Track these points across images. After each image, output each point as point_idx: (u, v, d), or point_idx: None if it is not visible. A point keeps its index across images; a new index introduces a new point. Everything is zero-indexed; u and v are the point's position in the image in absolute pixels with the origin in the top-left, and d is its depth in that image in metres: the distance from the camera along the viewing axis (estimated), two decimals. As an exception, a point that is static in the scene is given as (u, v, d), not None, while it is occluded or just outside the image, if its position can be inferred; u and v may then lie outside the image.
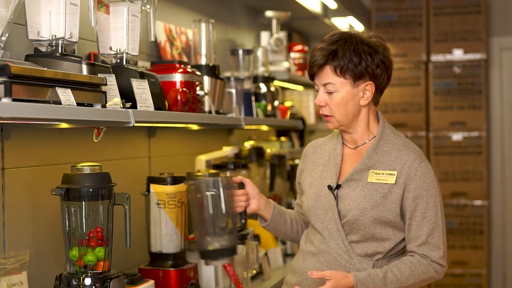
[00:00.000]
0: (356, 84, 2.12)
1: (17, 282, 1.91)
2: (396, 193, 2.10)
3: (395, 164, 2.13)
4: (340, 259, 2.12)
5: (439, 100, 5.23)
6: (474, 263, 5.15)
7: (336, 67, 2.10)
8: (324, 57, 2.10)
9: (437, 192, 2.13)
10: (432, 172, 2.15)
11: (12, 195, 2.03)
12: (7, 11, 1.72)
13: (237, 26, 4.02)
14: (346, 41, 2.11)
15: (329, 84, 2.12)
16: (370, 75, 2.12)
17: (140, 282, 2.24)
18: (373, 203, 2.10)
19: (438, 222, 2.11)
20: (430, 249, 2.10)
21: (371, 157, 2.15)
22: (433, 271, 2.10)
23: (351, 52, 2.09)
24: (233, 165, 3.10)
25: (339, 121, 2.15)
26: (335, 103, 2.12)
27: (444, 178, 5.20)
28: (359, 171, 2.15)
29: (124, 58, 2.20)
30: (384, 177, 2.12)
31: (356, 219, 2.10)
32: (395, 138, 2.20)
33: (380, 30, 5.28)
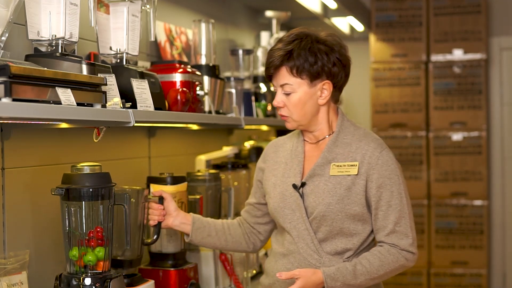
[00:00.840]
0: (313, 84, 2.10)
1: (17, 282, 1.91)
2: (360, 184, 2.09)
3: (356, 155, 2.12)
4: (310, 259, 2.11)
5: (439, 100, 5.23)
6: (474, 263, 5.15)
7: (292, 67, 2.08)
8: (280, 57, 2.08)
9: (400, 180, 2.11)
10: (394, 160, 2.13)
11: (12, 195, 2.03)
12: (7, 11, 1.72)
13: (237, 26, 4.02)
14: (301, 40, 2.09)
15: (286, 85, 2.10)
16: (327, 74, 2.10)
17: (140, 282, 2.24)
18: (338, 197, 2.08)
19: (404, 210, 2.09)
20: (399, 237, 2.08)
21: (332, 150, 2.14)
22: (403, 259, 2.08)
23: (306, 51, 2.07)
24: (233, 165, 3.10)
25: (297, 121, 2.14)
26: (293, 104, 2.11)
27: (444, 178, 5.20)
28: (320, 166, 2.13)
29: (124, 58, 2.20)
30: (346, 169, 2.10)
31: (323, 215, 2.09)
32: (355, 130, 2.18)
33: (380, 30, 5.29)
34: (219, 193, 2.81)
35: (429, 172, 5.22)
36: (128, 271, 2.23)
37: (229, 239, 2.31)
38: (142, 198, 2.24)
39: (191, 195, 2.58)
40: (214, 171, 2.84)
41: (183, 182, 2.47)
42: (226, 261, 2.59)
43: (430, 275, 5.18)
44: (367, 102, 5.56)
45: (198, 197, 2.60)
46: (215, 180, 2.79)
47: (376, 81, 5.32)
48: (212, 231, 2.29)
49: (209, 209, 2.78)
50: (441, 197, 5.19)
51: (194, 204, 2.60)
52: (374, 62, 5.32)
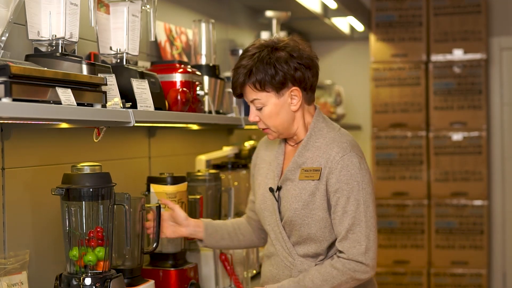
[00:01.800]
0: (280, 94, 2.09)
1: (17, 282, 1.91)
2: (321, 189, 2.07)
3: (321, 159, 2.09)
4: (285, 261, 2.14)
5: (439, 100, 5.23)
6: (474, 263, 5.14)
7: (254, 83, 2.07)
8: (242, 76, 2.09)
9: (360, 186, 2.04)
10: (357, 165, 2.05)
11: (12, 195, 2.03)
12: (7, 11, 1.72)
13: (237, 26, 4.02)
14: (260, 54, 2.08)
15: (255, 100, 2.10)
16: (292, 81, 2.08)
17: (140, 282, 2.24)
18: (303, 202, 2.08)
19: (359, 217, 2.03)
20: (350, 245, 2.02)
21: (302, 154, 2.13)
22: (349, 272, 2.02)
23: (264, 65, 2.06)
24: (233, 165, 3.10)
25: (275, 131, 2.14)
26: (267, 117, 2.11)
27: (444, 178, 5.20)
28: (291, 170, 2.13)
29: (124, 58, 2.20)
30: (311, 174, 2.08)
31: (291, 220, 2.10)
32: (328, 132, 2.14)
33: (380, 30, 5.29)
34: (219, 193, 2.81)
35: (429, 172, 5.22)
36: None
37: (241, 238, 2.36)
38: (140, 207, 2.24)
39: (191, 195, 2.58)
40: (214, 171, 2.84)
41: (183, 182, 2.47)
42: (226, 261, 2.59)
43: (430, 275, 5.18)
44: (367, 102, 5.55)
45: (198, 197, 2.60)
46: (215, 180, 2.79)
47: (376, 81, 5.32)
48: (225, 233, 2.34)
49: (209, 209, 2.78)
50: (441, 197, 5.19)
51: (194, 204, 2.60)
52: (374, 62, 5.32)
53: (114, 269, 2.09)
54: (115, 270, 2.08)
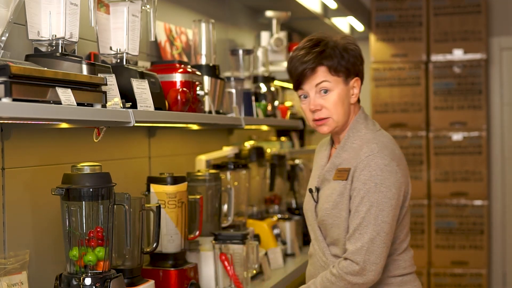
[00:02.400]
0: (347, 82, 2.11)
1: (17, 282, 1.91)
2: (348, 189, 2.07)
3: (353, 160, 2.08)
4: (320, 261, 2.16)
5: (439, 100, 5.23)
6: (474, 263, 5.15)
7: (330, 66, 2.08)
8: (315, 59, 2.08)
9: (378, 188, 2.00)
10: (381, 167, 2.02)
11: (12, 195, 2.03)
12: (7, 11, 1.72)
13: (237, 26, 4.02)
14: (326, 42, 2.10)
15: (324, 82, 2.08)
16: (356, 71, 2.13)
17: (140, 282, 2.24)
18: (333, 203, 2.08)
19: (369, 220, 1.99)
20: (351, 243, 2.01)
21: (339, 155, 2.13)
22: (344, 275, 2.00)
23: (337, 50, 2.09)
24: (233, 165, 3.10)
25: (336, 121, 2.11)
26: (333, 103, 2.09)
27: (444, 178, 5.20)
28: (328, 171, 2.14)
29: (124, 58, 2.20)
30: (342, 174, 2.08)
31: (323, 220, 2.11)
32: (366, 134, 2.13)
33: (380, 30, 5.28)
34: (219, 193, 2.81)
35: (429, 172, 5.22)
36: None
37: None
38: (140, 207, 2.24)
39: (191, 195, 2.58)
40: (214, 171, 2.84)
41: (183, 182, 2.47)
42: (226, 261, 2.59)
43: (430, 275, 5.18)
44: (367, 102, 5.55)
45: (198, 197, 2.60)
46: (215, 180, 2.79)
47: (376, 81, 5.32)
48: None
49: (209, 209, 2.78)
50: (441, 197, 5.19)
51: (194, 204, 2.60)
52: (374, 62, 5.32)
53: (114, 269, 2.09)
54: (115, 270, 2.08)
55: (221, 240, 2.61)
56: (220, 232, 2.66)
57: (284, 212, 3.58)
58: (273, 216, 3.41)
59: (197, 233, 2.59)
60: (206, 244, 2.71)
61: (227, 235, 2.63)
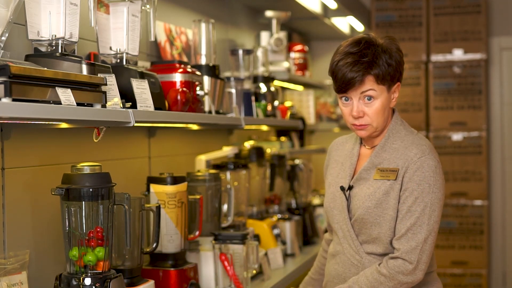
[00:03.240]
0: (390, 89, 2.13)
1: (17, 282, 1.91)
2: (396, 189, 2.08)
3: (399, 161, 2.11)
4: (352, 260, 2.15)
5: (439, 100, 5.23)
6: (474, 263, 5.15)
7: (377, 76, 2.08)
8: (364, 70, 2.07)
9: (431, 189, 2.06)
10: (433, 168, 2.08)
11: (12, 195, 2.03)
12: (7, 11, 1.72)
13: (237, 26, 4.02)
14: (375, 47, 2.10)
15: (370, 90, 2.09)
16: (399, 76, 2.15)
17: (140, 282, 2.24)
18: (376, 201, 2.09)
19: (423, 220, 2.03)
20: (405, 241, 2.03)
21: (379, 155, 2.15)
22: (396, 275, 2.02)
23: (386, 58, 2.09)
24: (233, 165, 3.10)
25: (376, 127, 2.13)
26: (376, 111, 2.10)
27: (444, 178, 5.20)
28: (366, 170, 2.15)
29: (124, 58, 2.20)
30: (387, 174, 2.10)
31: (362, 218, 2.11)
32: (406, 135, 2.17)
33: (380, 30, 5.28)
34: (219, 193, 2.81)
35: (429, 172, 5.22)
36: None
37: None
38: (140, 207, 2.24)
39: (191, 195, 2.58)
40: (214, 171, 2.84)
41: (183, 182, 2.47)
42: (226, 261, 2.59)
43: (430, 275, 5.17)
44: (367, 102, 5.55)
45: (198, 197, 2.60)
46: (215, 180, 2.79)
47: (376, 81, 5.31)
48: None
49: (209, 209, 2.78)
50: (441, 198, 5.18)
51: (194, 204, 2.60)
52: (374, 62, 5.31)
53: (114, 269, 2.09)
54: (115, 270, 2.08)
55: (221, 240, 2.61)
56: (220, 232, 2.66)
57: (284, 212, 3.58)
58: (273, 216, 3.41)
59: (197, 233, 2.59)
60: (206, 244, 2.71)
61: (227, 235, 2.63)
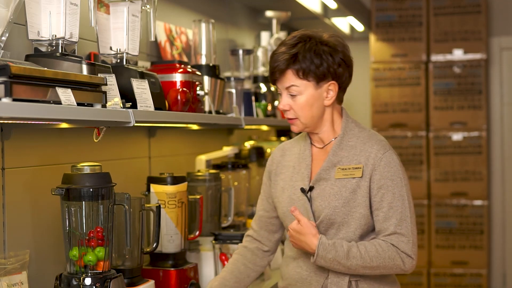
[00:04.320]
0: (319, 85, 2.10)
1: (17, 282, 1.91)
2: (364, 186, 2.07)
3: (360, 157, 2.11)
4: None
5: (439, 100, 5.23)
6: (474, 263, 5.15)
7: (298, 70, 2.07)
8: (285, 61, 2.08)
9: (403, 182, 2.09)
10: (398, 162, 2.11)
11: (12, 195, 2.03)
12: (7, 11, 1.73)
13: (237, 26, 4.02)
14: (305, 43, 2.08)
15: (293, 86, 2.09)
16: (332, 75, 2.10)
17: (140, 282, 2.24)
18: (343, 200, 2.07)
19: (406, 213, 2.06)
20: (399, 239, 2.05)
21: (336, 154, 2.13)
22: (400, 260, 2.04)
23: (311, 53, 2.07)
24: (233, 165, 3.10)
25: (304, 123, 2.13)
26: (300, 106, 2.10)
27: (444, 178, 5.20)
28: (326, 169, 2.12)
29: (124, 58, 2.20)
30: (351, 172, 2.09)
31: (329, 219, 2.08)
32: (360, 132, 2.17)
33: (380, 30, 5.28)
34: (219, 193, 2.81)
35: (429, 172, 5.22)
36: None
37: (251, 276, 2.31)
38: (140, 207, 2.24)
39: (191, 195, 2.58)
40: (214, 171, 2.84)
41: (183, 182, 2.47)
42: (226, 261, 2.59)
43: (430, 275, 5.18)
44: (367, 102, 5.56)
45: (198, 197, 2.60)
46: (215, 180, 2.79)
47: (376, 81, 5.32)
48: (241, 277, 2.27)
49: (209, 209, 2.78)
50: (441, 197, 5.19)
51: (194, 204, 2.60)
52: (374, 62, 5.32)
53: (114, 269, 2.09)
54: (115, 270, 2.08)
55: (221, 240, 2.61)
56: (220, 232, 2.67)
57: (284, 212, 3.57)
58: (273, 216, 3.40)
59: (197, 233, 2.60)
60: (206, 244, 2.71)
61: (227, 235, 2.63)
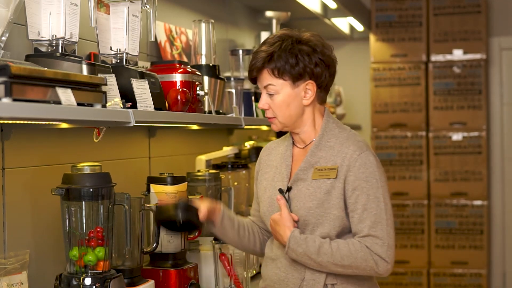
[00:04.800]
0: (296, 85, 2.09)
1: (17, 282, 1.91)
2: (338, 187, 2.05)
3: (337, 158, 2.08)
4: (294, 264, 2.09)
5: (439, 100, 5.23)
6: (474, 263, 5.15)
7: (273, 69, 2.08)
8: (262, 60, 2.09)
9: (379, 184, 2.04)
10: (375, 163, 2.06)
11: (12, 195, 2.03)
12: (7, 11, 1.73)
13: (237, 26, 4.02)
14: (283, 42, 2.09)
15: (269, 85, 2.10)
16: (310, 74, 2.08)
17: (140, 282, 2.24)
18: (317, 201, 2.06)
19: (381, 215, 2.02)
20: (373, 241, 2.00)
21: (314, 154, 2.11)
22: (372, 262, 1.99)
23: (287, 53, 2.07)
24: (233, 165, 3.10)
25: (282, 122, 2.14)
26: (277, 105, 2.11)
27: (444, 178, 5.20)
28: (303, 170, 2.11)
29: (124, 58, 2.20)
30: (326, 173, 2.07)
31: (304, 220, 2.07)
32: (340, 132, 2.14)
33: (380, 30, 5.29)
34: (219, 193, 2.81)
35: (429, 172, 5.22)
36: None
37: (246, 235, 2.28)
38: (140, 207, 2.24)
39: (191, 195, 2.58)
40: (214, 171, 2.84)
41: (183, 182, 2.47)
42: (226, 261, 2.59)
43: (430, 275, 5.18)
44: (367, 102, 5.55)
45: (198, 197, 2.59)
46: (215, 180, 2.79)
47: (376, 81, 5.32)
48: (235, 223, 2.25)
49: (209, 209, 2.78)
50: (441, 197, 5.19)
51: (194, 204, 2.60)
52: (374, 62, 5.32)
53: (114, 269, 2.09)
54: (115, 270, 2.08)
55: (221, 240, 2.61)
56: (220, 232, 2.66)
57: (284, 212, 3.57)
58: (273, 216, 3.40)
59: (197, 233, 2.59)
60: (206, 244, 2.71)
61: (227, 235, 2.62)
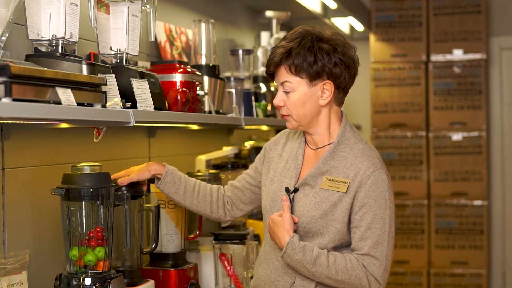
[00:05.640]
0: (313, 84, 2.04)
1: (17, 282, 1.91)
2: (346, 202, 2.01)
3: (349, 171, 2.03)
4: (286, 267, 2.07)
5: (439, 100, 5.23)
6: (474, 263, 5.15)
7: (290, 66, 2.03)
8: (280, 55, 2.04)
9: (387, 205, 2.00)
10: (386, 183, 2.02)
11: (12, 195, 2.03)
12: (7, 11, 1.73)
13: (237, 26, 4.02)
14: (302, 39, 2.04)
15: (286, 82, 2.05)
16: (328, 74, 2.03)
17: (140, 282, 2.24)
18: (322, 212, 2.02)
19: (384, 237, 1.99)
20: (371, 261, 1.98)
21: (327, 162, 2.06)
22: (366, 281, 1.97)
23: (305, 50, 2.02)
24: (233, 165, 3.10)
25: (297, 121, 2.08)
26: (292, 103, 2.06)
27: (444, 178, 5.20)
28: (313, 176, 2.07)
29: (124, 58, 2.20)
30: (337, 185, 2.03)
31: (304, 227, 2.04)
32: (355, 143, 2.09)
33: (380, 30, 5.29)
34: (219, 193, 2.81)
35: (429, 172, 5.22)
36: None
37: (194, 202, 2.27)
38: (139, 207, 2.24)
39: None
40: (214, 171, 2.84)
41: (183, 182, 2.47)
42: (226, 261, 2.59)
43: (430, 275, 5.18)
44: (367, 102, 5.56)
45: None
46: (215, 180, 2.79)
47: (376, 81, 5.32)
48: (181, 189, 2.24)
49: (209, 209, 2.78)
50: (441, 197, 5.19)
51: (194, 204, 2.60)
52: (374, 62, 5.32)
53: (114, 269, 2.09)
54: (115, 270, 2.08)
55: (221, 240, 2.61)
56: (220, 232, 2.67)
57: (284, 212, 3.57)
58: (273, 216, 3.40)
59: (197, 233, 2.60)
60: (206, 244, 2.71)
61: (227, 235, 2.63)
